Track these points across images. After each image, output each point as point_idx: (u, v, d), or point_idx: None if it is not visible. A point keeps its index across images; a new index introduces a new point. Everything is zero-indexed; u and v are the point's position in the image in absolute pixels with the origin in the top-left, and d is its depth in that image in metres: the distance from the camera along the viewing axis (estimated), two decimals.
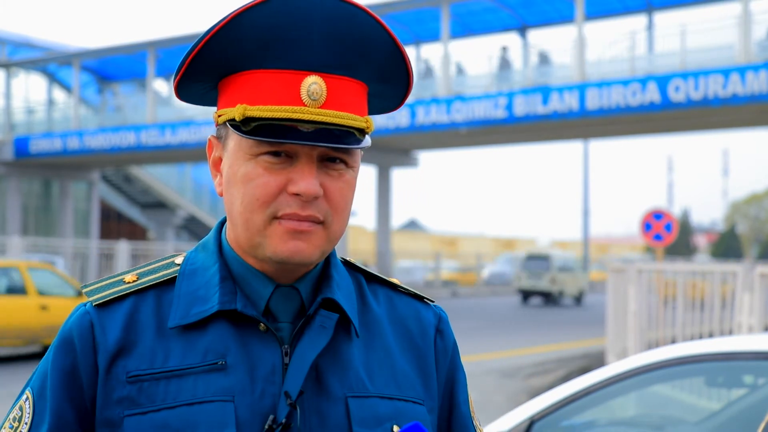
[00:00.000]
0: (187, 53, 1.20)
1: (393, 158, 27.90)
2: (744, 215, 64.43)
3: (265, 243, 1.20)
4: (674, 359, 3.14)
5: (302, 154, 1.19)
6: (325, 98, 1.17)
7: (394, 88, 1.28)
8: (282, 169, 1.19)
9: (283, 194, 1.19)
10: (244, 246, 1.23)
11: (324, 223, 1.21)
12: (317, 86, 1.17)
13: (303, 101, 1.16)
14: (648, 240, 13.14)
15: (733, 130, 23.73)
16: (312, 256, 1.21)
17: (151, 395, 1.19)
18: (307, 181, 1.17)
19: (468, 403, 1.38)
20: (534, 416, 3.10)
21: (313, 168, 1.19)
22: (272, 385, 1.19)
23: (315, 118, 1.16)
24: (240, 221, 1.21)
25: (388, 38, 1.22)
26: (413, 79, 1.28)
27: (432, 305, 1.39)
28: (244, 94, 1.19)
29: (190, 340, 1.21)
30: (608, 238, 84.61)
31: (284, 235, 1.19)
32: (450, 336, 1.37)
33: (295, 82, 1.17)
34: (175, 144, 26.33)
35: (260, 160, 1.19)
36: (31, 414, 1.22)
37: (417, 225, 72.99)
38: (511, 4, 25.14)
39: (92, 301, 1.25)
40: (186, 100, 1.31)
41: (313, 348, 1.20)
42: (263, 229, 1.19)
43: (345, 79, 1.20)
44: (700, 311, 9.57)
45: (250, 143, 1.19)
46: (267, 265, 1.23)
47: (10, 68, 32.29)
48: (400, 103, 1.32)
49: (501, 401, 9.54)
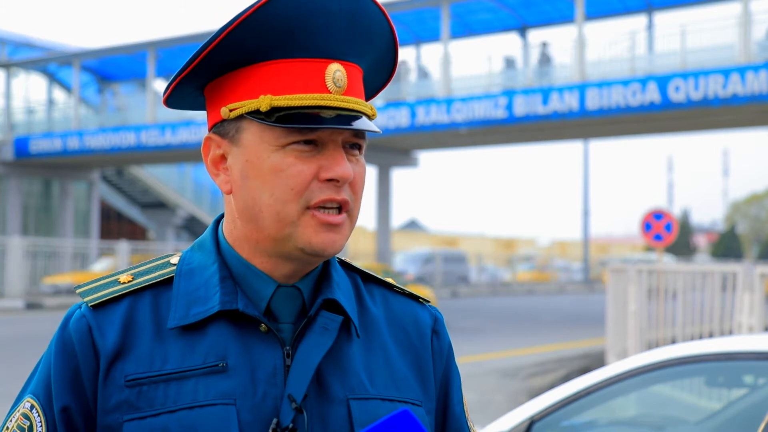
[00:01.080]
0: (206, 43, 1.18)
1: (393, 158, 27.88)
2: (744, 215, 64.42)
3: (297, 234, 1.18)
4: (674, 359, 3.14)
5: (329, 141, 1.18)
6: (347, 85, 1.19)
7: (380, 80, 1.31)
8: (312, 157, 1.18)
9: (314, 182, 1.18)
10: (262, 242, 1.21)
11: (348, 211, 1.21)
12: (341, 74, 1.18)
13: (328, 89, 1.17)
14: (648, 240, 13.13)
15: (733, 130, 23.72)
16: (341, 247, 1.21)
17: (151, 399, 1.16)
18: (342, 166, 1.18)
19: (462, 403, 1.37)
20: (534, 416, 3.10)
21: (343, 153, 1.19)
22: (274, 388, 1.18)
23: (341, 104, 1.17)
24: (268, 214, 1.18)
25: (389, 28, 1.24)
26: (396, 68, 1.30)
27: (427, 305, 1.38)
28: (266, 85, 1.18)
29: (189, 341, 1.19)
30: (608, 238, 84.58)
31: (318, 227, 1.18)
32: (446, 337, 1.37)
33: (320, 70, 1.18)
34: (175, 144, 26.32)
35: (290, 149, 1.17)
36: (44, 424, 1.19)
37: (417, 225, 72.97)
38: (511, 4, 25.13)
39: (87, 302, 1.22)
40: (172, 105, 1.28)
41: (317, 350, 1.19)
42: (296, 219, 1.18)
43: (355, 66, 1.22)
44: (700, 311, 9.57)
45: (276, 134, 1.17)
46: (280, 261, 1.21)
47: (10, 68, 32.27)
48: (376, 93, 1.34)
49: (501, 401, 9.54)
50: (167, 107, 1.30)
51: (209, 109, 1.26)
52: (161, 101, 7.56)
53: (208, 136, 1.26)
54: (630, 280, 10.40)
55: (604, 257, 57.44)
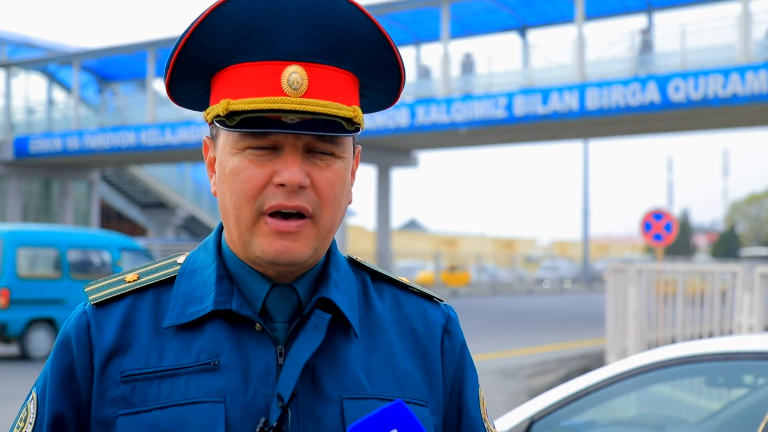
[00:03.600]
0: (170, 54, 1.19)
1: (393, 158, 27.90)
2: (744, 215, 64.44)
3: (253, 242, 1.19)
4: (674, 359, 3.13)
5: (287, 145, 1.18)
6: (306, 87, 1.16)
7: (387, 81, 1.26)
8: (267, 161, 1.18)
9: (269, 186, 1.18)
10: (237, 245, 1.23)
11: (313, 217, 1.19)
12: (297, 75, 1.16)
13: (284, 91, 1.15)
14: (648, 240, 13.14)
15: (733, 130, 23.73)
16: (302, 255, 1.19)
17: (144, 395, 1.18)
18: (290, 170, 1.16)
19: (479, 404, 1.34)
20: (534, 416, 3.10)
21: (297, 158, 1.17)
22: (265, 386, 1.18)
23: (296, 107, 1.15)
24: (231, 218, 1.20)
25: (372, 26, 1.19)
26: (404, 70, 1.26)
27: (441, 304, 1.36)
28: (227, 89, 1.18)
29: (186, 339, 1.20)
30: (608, 238, 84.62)
31: (270, 236, 1.18)
32: (458, 336, 1.34)
33: (276, 72, 1.16)
34: (175, 144, 26.34)
35: (246, 153, 1.18)
36: (35, 414, 1.23)
37: (417, 225, 73.01)
38: (511, 4, 25.14)
39: (91, 301, 1.25)
40: (183, 105, 1.30)
41: (307, 349, 1.19)
42: (251, 226, 1.18)
43: (328, 68, 1.18)
44: (700, 311, 9.57)
45: (235, 137, 1.19)
46: (260, 264, 1.22)
47: (10, 68, 32.29)
48: (395, 97, 1.30)
49: (501, 401, 9.53)
50: (177, 105, 1.32)
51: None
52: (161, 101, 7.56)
53: (204, 139, 1.29)
54: (630, 280, 10.40)
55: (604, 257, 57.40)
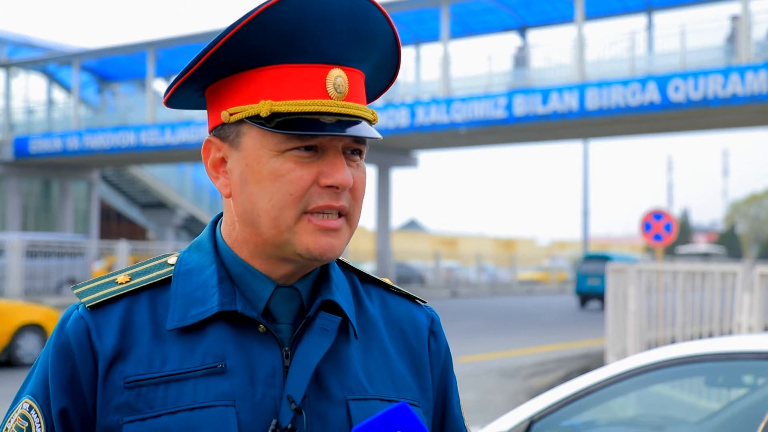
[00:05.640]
0: (208, 47, 1.17)
1: (393, 158, 27.89)
2: (744, 215, 64.43)
3: (295, 240, 1.18)
4: (674, 359, 3.14)
5: (329, 147, 1.18)
6: (348, 91, 1.18)
7: (383, 79, 1.30)
8: (312, 163, 1.18)
9: (314, 187, 1.18)
10: (261, 245, 1.21)
11: (347, 215, 1.21)
12: (342, 79, 1.18)
13: (329, 94, 1.17)
14: (648, 240, 13.13)
15: (733, 130, 23.72)
16: (341, 252, 1.21)
17: (150, 401, 1.16)
18: (341, 172, 1.17)
19: (460, 405, 1.38)
20: (534, 416, 3.10)
21: (343, 159, 1.19)
22: (272, 388, 1.18)
23: (342, 110, 1.17)
24: (266, 219, 1.18)
25: (391, 32, 1.23)
26: (398, 71, 1.30)
27: (424, 306, 1.38)
28: (267, 90, 1.17)
29: (188, 342, 1.19)
30: (608, 238, 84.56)
31: (316, 233, 1.18)
32: (443, 338, 1.36)
33: (321, 75, 1.17)
34: (175, 144, 26.33)
35: (289, 155, 1.17)
36: (43, 425, 1.19)
37: (417, 225, 73.00)
38: (511, 4, 25.14)
39: (85, 303, 1.21)
40: (179, 106, 1.29)
41: (316, 351, 1.19)
42: (293, 225, 1.18)
43: (357, 71, 1.21)
44: (700, 311, 9.57)
45: (276, 139, 1.17)
46: (279, 263, 1.21)
47: (10, 68, 32.28)
48: (382, 91, 1.33)
49: (501, 401, 9.53)
50: (168, 107, 1.30)
51: (210, 111, 1.25)
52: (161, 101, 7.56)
53: (208, 139, 1.25)
54: (630, 280, 10.40)
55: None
